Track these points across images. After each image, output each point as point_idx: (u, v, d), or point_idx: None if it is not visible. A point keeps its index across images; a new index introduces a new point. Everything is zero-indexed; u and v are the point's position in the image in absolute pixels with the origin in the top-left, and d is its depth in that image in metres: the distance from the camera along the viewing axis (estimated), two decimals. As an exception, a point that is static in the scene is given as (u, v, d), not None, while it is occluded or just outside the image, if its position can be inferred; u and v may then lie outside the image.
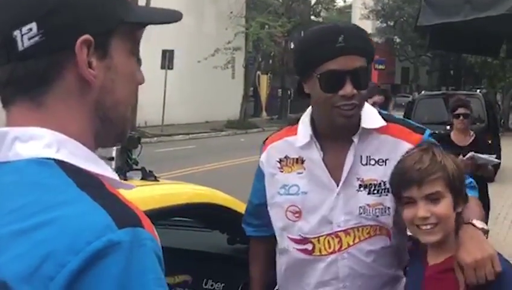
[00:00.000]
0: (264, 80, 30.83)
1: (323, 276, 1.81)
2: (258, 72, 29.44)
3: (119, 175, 2.28)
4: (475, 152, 4.31)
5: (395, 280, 1.89)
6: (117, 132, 0.91)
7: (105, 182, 0.85)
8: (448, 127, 12.80)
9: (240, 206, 2.34)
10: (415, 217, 1.64)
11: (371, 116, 1.80)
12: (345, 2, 34.31)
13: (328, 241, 1.79)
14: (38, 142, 0.83)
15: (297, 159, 1.83)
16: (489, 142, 4.87)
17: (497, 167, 4.63)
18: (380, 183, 1.77)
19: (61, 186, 0.80)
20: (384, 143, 1.80)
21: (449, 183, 1.63)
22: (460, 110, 4.95)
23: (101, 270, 0.73)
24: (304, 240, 1.82)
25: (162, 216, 2.22)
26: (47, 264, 0.74)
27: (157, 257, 0.79)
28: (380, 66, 32.16)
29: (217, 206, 2.36)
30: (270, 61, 30.11)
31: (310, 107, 1.87)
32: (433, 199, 1.62)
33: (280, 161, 1.86)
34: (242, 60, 26.10)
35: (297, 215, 1.81)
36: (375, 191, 1.78)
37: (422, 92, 14.07)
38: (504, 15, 3.35)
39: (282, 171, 1.85)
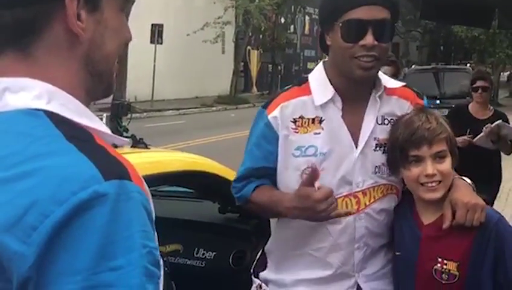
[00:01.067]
0: (254, 55, 30.64)
1: (338, 238, 1.78)
2: (249, 47, 29.23)
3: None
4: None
5: (391, 241, 1.90)
6: (105, 85, 0.91)
7: (96, 135, 0.83)
8: (438, 102, 12.88)
9: (233, 176, 2.32)
10: (421, 175, 1.70)
11: (386, 78, 1.83)
12: (335, -24, 34.10)
13: (346, 202, 1.76)
14: (29, 93, 0.82)
15: (313, 119, 1.77)
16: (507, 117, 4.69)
17: None
18: None
19: (48, 137, 0.79)
20: (395, 103, 1.82)
21: (450, 142, 1.73)
22: (479, 83, 4.72)
23: (85, 221, 0.72)
24: None
25: (153, 183, 2.21)
26: (30, 214, 0.72)
27: (145, 210, 0.78)
28: (371, 42, 32.05)
29: (209, 174, 2.34)
30: (261, 36, 29.88)
31: (321, 63, 1.84)
32: (440, 156, 1.70)
33: (295, 121, 1.77)
34: (232, 34, 25.90)
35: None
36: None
37: (413, 66, 14.06)
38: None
39: (297, 132, 1.77)
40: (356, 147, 1.76)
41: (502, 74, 30.53)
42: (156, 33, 19.97)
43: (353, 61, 1.69)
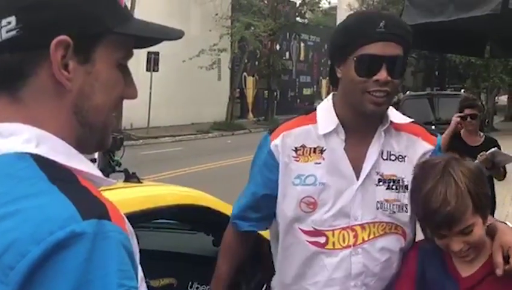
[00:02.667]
0: (250, 82, 30.82)
1: (334, 273, 1.74)
2: (244, 74, 29.41)
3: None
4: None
5: None
6: (97, 138, 0.91)
7: (80, 176, 0.84)
8: (433, 127, 12.93)
9: (226, 208, 2.32)
10: (448, 248, 1.58)
11: (394, 112, 1.80)
12: (329, 3, 34.37)
13: (343, 235, 1.73)
14: (18, 137, 0.84)
15: (315, 148, 1.76)
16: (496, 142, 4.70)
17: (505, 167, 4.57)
18: (398, 180, 1.75)
19: (32, 179, 0.80)
20: (403, 140, 1.79)
21: (477, 207, 1.53)
22: (467, 111, 4.69)
23: (61, 260, 0.73)
24: (317, 233, 1.75)
25: (145, 218, 2.20)
26: (8, 254, 0.73)
27: (125, 249, 0.78)
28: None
29: (202, 208, 2.34)
30: (256, 62, 30.09)
31: (331, 95, 1.83)
32: (465, 233, 1.54)
33: (296, 150, 1.77)
34: (228, 61, 26.07)
35: (311, 206, 1.74)
36: (394, 187, 1.75)
37: (408, 92, 14.15)
38: (488, 15, 3.36)
39: (297, 161, 1.76)
40: (357, 180, 1.74)
41: (497, 98, 30.72)
42: (152, 61, 20.07)
43: (365, 95, 1.68)
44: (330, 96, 1.84)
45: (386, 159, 1.76)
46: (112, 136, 2.16)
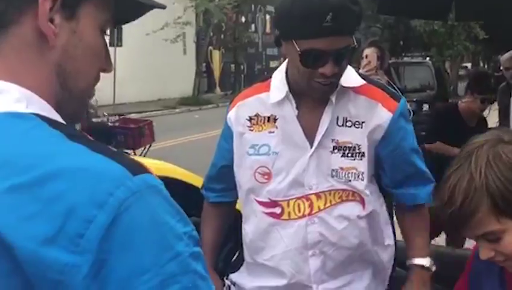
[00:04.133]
0: (216, 56, 30.55)
1: (290, 244, 1.71)
2: (210, 48, 29.13)
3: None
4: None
5: (368, 260, 1.80)
6: (74, 107, 0.85)
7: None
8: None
9: (197, 181, 2.28)
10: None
11: (350, 74, 1.71)
12: (294, -26, 34.32)
13: (298, 205, 1.70)
14: (8, 96, 0.78)
15: (269, 117, 1.73)
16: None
17: None
18: (354, 147, 1.70)
19: (49, 138, 0.74)
20: (361, 104, 1.71)
21: (501, 210, 1.12)
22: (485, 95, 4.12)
23: (132, 221, 0.70)
24: (272, 203, 1.73)
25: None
26: (71, 221, 0.69)
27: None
28: (332, 38, 32.41)
29: (173, 180, 2.30)
30: (222, 36, 29.81)
31: (285, 62, 1.76)
32: (490, 239, 1.16)
33: (250, 119, 1.75)
34: (193, 35, 25.76)
35: (266, 177, 1.72)
36: (349, 155, 1.70)
37: (374, 61, 14.22)
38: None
39: (252, 130, 1.74)
40: (310, 148, 1.69)
41: (460, 66, 31.16)
42: (115, 35, 19.71)
43: (311, 82, 1.63)
44: (285, 62, 1.77)
45: (342, 126, 1.69)
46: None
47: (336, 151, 1.69)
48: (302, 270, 1.73)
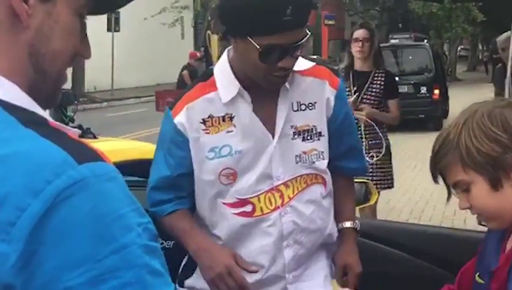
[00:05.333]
0: (214, 40, 30.40)
1: (266, 239, 1.69)
2: (208, 32, 28.99)
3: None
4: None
5: (329, 241, 1.83)
6: (48, 90, 0.84)
7: (49, 121, 0.78)
8: (397, 79, 13.02)
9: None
10: None
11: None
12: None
13: (269, 198, 1.68)
14: None
15: (223, 116, 1.66)
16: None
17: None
18: (311, 129, 1.72)
19: (2, 123, 0.73)
20: (311, 85, 1.72)
21: (468, 163, 1.25)
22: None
23: (70, 211, 0.67)
24: (241, 202, 1.68)
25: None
26: (4, 209, 0.67)
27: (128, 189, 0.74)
28: (330, 22, 32.15)
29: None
30: (220, 20, 29.67)
31: (225, 54, 1.71)
32: (463, 189, 1.29)
33: (204, 122, 1.66)
34: (190, 19, 25.63)
35: (231, 177, 1.66)
36: (309, 137, 1.71)
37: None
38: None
39: (208, 133, 1.66)
40: (273, 139, 1.68)
41: (459, 48, 31.06)
42: (113, 21, 19.63)
43: (268, 77, 1.60)
44: (225, 55, 1.72)
45: (297, 110, 1.70)
46: (64, 91, 2.11)
47: (296, 137, 1.69)
48: (277, 261, 1.72)
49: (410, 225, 3.70)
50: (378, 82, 4.23)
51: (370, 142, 4.18)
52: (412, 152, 9.80)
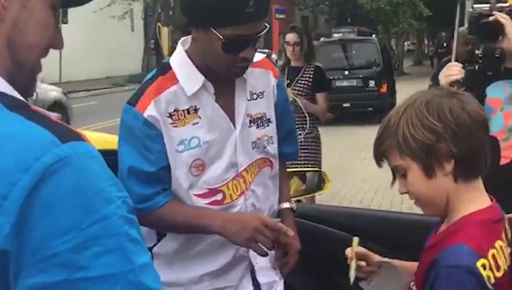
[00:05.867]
0: (165, 32, 30.10)
1: None
2: (158, 24, 28.70)
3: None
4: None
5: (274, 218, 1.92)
6: (24, 79, 0.88)
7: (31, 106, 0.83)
8: (346, 72, 13.25)
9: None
10: None
11: None
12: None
13: (235, 185, 1.77)
14: None
15: (188, 109, 1.69)
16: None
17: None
18: (262, 116, 1.83)
19: None
20: (259, 75, 1.83)
21: (403, 149, 1.31)
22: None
23: (56, 185, 0.74)
24: (211, 192, 1.74)
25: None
26: None
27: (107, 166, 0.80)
28: (281, 16, 32.33)
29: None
30: (171, 12, 29.40)
31: (181, 47, 1.75)
32: (401, 174, 1.34)
33: (171, 116, 1.68)
34: (140, 11, 25.32)
35: (200, 168, 1.71)
36: (261, 124, 1.82)
37: (321, 39, 14.36)
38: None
39: (176, 126, 1.68)
40: (234, 128, 1.76)
41: (406, 43, 31.74)
42: (60, 12, 19.23)
43: (230, 68, 1.66)
44: (180, 48, 1.75)
45: (251, 100, 1.80)
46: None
47: (251, 124, 1.79)
48: None
49: (351, 208, 3.89)
50: (307, 76, 4.77)
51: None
52: (360, 144, 10.04)
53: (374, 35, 15.89)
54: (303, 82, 4.77)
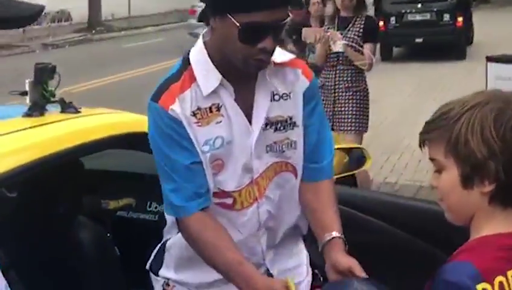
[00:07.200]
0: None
1: (246, 231, 1.69)
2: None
3: (35, 110, 2.10)
4: None
5: (301, 229, 1.80)
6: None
7: None
8: (419, 5, 12.52)
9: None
10: None
11: (276, 52, 1.62)
12: None
13: (249, 192, 1.66)
14: None
15: (210, 107, 1.61)
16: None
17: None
18: (286, 120, 1.67)
19: None
20: (286, 75, 1.67)
21: (451, 148, 1.19)
22: None
23: None
24: (222, 194, 1.66)
25: (93, 149, 2.12)
26: None
27: None
28: None
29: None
30: None
31: (201, 42, 1.64)
32: (437, 168, 1.23)
33: (194, 114, 1.60)
34: None
35: (217, 168, 1.64)
36: (282, 128, 1.67)
37: None
38: None
39: (200, 126, 1.60)
40: (252, 130, 1.64)
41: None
42: None
43: (248, 60, 1.55)
44: (200, 43, 1.64)
45: (272, 101, 1.65)
46: (42, 65, 2.03)
47: (268, 127, 1.65)
48: (256, 251, 1.72)
49: (391, 196, 3.65)
50: (358, 27, 4.71)
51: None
52: (431, 83, 9.58)
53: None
54: (353, 33, 4.70)
